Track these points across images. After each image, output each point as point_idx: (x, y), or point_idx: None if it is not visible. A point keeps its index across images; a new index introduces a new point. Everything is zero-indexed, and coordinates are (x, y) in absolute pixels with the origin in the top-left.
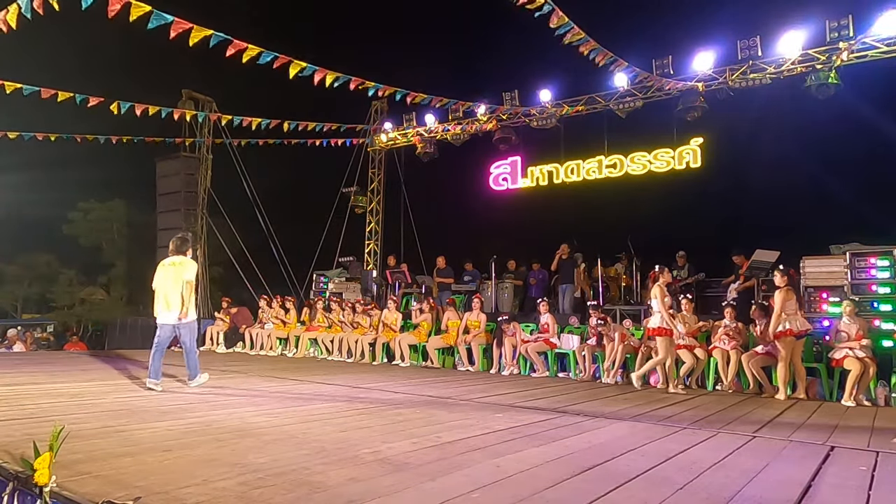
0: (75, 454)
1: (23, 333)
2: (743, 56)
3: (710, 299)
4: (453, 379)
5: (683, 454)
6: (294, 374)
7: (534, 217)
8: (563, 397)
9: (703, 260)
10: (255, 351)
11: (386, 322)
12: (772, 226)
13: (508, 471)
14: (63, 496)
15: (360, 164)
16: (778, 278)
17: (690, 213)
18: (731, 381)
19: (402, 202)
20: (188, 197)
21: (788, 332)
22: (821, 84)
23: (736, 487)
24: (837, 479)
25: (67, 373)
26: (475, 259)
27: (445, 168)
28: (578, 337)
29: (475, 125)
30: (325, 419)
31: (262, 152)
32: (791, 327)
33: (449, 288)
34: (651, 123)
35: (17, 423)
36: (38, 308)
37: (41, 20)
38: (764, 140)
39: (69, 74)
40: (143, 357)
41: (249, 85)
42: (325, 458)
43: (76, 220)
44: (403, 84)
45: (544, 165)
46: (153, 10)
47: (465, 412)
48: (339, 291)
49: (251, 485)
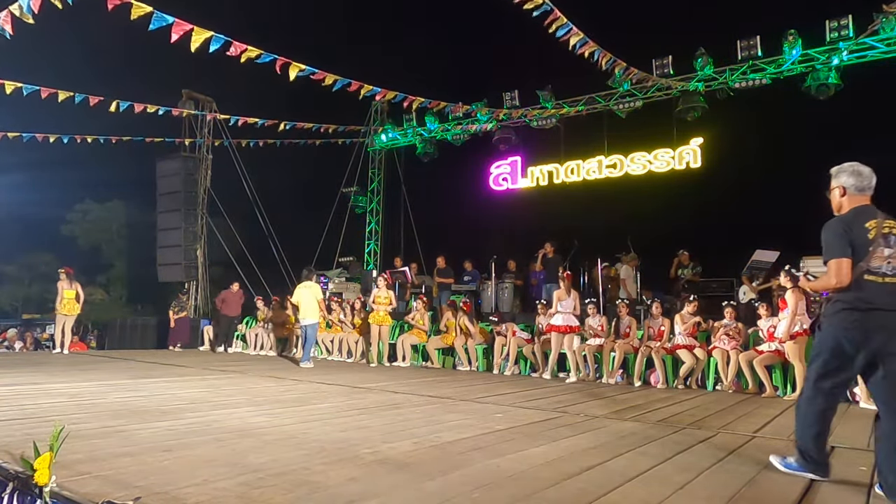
0: (75, 454)
1: (22, 333)
2: (743, 56)
3: (711, 299)
4: (453, 379)
5: (683, 454)
6: (294, 374)
7: (534, 217)
8: (563, 397)
9: (702, 260)
10: (255, 351)
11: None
12: (772, 226)
13: (508, 471)
14: (63, 496)
15: (360, 164)
16: (783, 279)
17: (690, 213)
18: (731, 381)
19: (402, 202)
20: (188, 197)
21: (805, 332)
22: (821, 84)
23: (736, 487)
24: (837, 479)
25: (67, 373)
26: (475, 259)
27: (445, 168)
28: (578, 337)
29: (475, 125)
30: (325, 419)
31: (262, 152)
32: (808, 327)
33: (449, 288)
34: (651, 123)
35: (17, 423)
36: (38, 308)
37: (41, 20)
38: (764, 140)
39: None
40: (143, 357)
41: (249, 85)
42: (325, 458)
43: (75, 220)
44: (403, 85)
45: (544, 165)
46: (154, 10)
47: (465, 412)
48: (339, 291)
49: (251, 485)
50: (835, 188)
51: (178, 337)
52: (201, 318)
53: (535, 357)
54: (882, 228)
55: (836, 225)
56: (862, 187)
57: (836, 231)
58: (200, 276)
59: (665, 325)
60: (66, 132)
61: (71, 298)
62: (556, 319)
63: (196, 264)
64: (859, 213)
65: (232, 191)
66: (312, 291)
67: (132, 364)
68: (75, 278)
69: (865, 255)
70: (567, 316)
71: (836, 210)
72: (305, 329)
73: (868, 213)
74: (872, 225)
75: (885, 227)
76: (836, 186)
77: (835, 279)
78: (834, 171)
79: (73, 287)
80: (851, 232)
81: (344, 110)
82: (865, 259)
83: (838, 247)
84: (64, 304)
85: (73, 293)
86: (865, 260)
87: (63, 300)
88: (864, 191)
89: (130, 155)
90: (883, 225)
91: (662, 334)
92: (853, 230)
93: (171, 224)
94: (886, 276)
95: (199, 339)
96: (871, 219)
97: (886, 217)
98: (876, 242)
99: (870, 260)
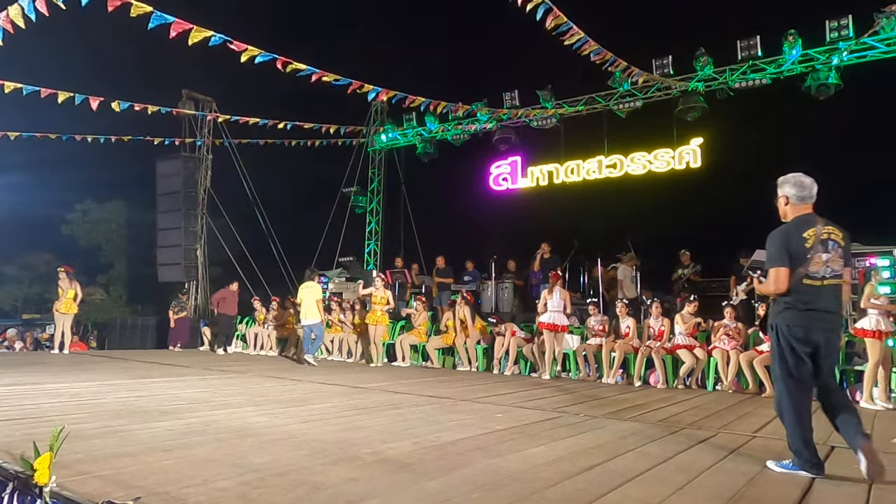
0: (75, 454)
1: (23, 333)
2: (743, 56)
3: (711, 299)
4: (453, 379)
5: (683, 454)
6: (294, 374)
7: (534, 217)
8: (563, 397)
9: (702, 260)
10: (255, 351)
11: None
12: (772, 226)
13: (508, 471)
14: (63, 496)
15: (360, 164)
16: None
17: (690, 213)
18: (731, 381)
19: (402, 202)
20: (188, 197)
21: None
22: (821, 84)
23: (736, 487)
24: (838, 479)
25: (67, 373)
26: (475, 259)
27: (445, 168)
28: (578, 337)
29: (475, 125)
30: (325, 419)
31: (263, 152)
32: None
33: (449, 288)
34: (651, 123)
35: (17, 423)
36: (38, 308)
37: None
38: (763, 140)
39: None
40: (143, 357)
41: (249, 85)
42: (325, 458)
43: (75, 220)
44: (403, 85)
45: (544, 165)
46: (154, 10)
47: (465, 412)
48: (339, 291)
49: (251, 485)
50: (780, 198)
51: (178, 337)
52: (201, 318)
53: (534, 357)
54: (821, 235)
55: (777, 237)
56: (803, 197)
57: (775, 243)
58: (200, 276)
59: (665, 325)
60: (66, 132)
61: (70, 298)
62: (544, 318)
63: (196, 264)
64: (800, 223)
65: (232, 191)
66: (313, 292)
67: (132, 364)
68: (75, 277)
69: (804, 261)
70: (555, 314)
71: (782, 217)
72: (309, 328)
73: (808, 221)
74: (811, 234)
75: (823, 233)
76: (781, 196)
77: (773, 286)
78: (779, 181)
79: (72, 286)
80: (790, 243)
81: (344, 110)
82: (804, 265)
83: (777, 257)
84: (63, 303)
85: (72, 293)
86: (804, 266)
87: (63, 299)
88: (805, 200)
89: (130, 155)
90: (822, 232)
91: (662, 334)
92: (792, 241)
93: (171, 224)
94: (825, 279)
95: (198, 340)
96: (810, 227)
97: (826, 223)
98: (814, 249)
99: (808, 266)
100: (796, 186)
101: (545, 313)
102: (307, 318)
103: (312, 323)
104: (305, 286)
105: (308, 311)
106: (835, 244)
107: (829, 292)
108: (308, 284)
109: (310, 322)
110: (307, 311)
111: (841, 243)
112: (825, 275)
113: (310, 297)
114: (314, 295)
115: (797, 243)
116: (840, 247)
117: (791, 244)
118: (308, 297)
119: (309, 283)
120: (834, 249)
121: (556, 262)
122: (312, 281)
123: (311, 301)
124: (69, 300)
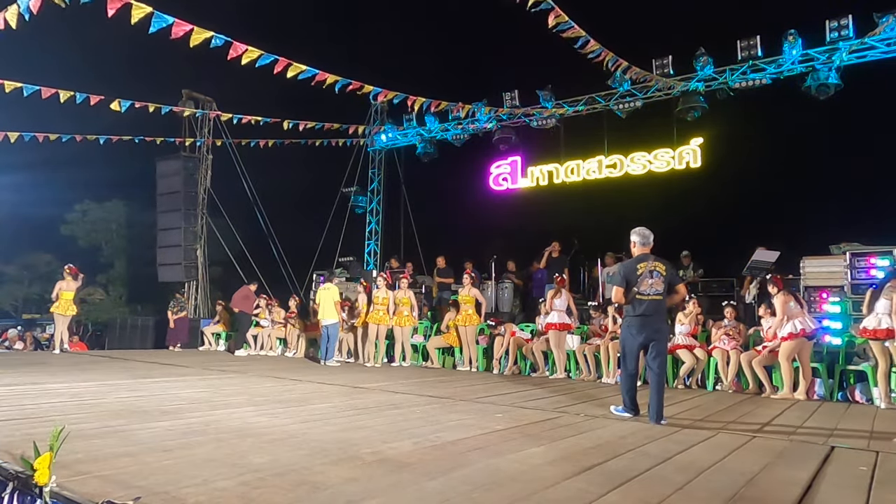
0: (75, 454)
1: (23, 333)
2: (743, 56)
3: (711, 299)
4: (453, 379)
5: (683, 454)
6: (294, 374)
7: (534, 217)
8: (563, 397)
9: (702, 260)
10: (255, 351)
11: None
12: (772, 226)
13: (508, 471)
14: (63, 496)
15: (360, 164)
16: (769, 287)
17: (690, 214)
18: (731, 381)
19: (402, 202)
20: (188, 197)
21: (801, 332)
22: (821, 84)
23: (736, 487)
24: (837, 479)
25: (67, 373)
26: (475, 259)
27: (445, 168)
28: (578, 337)
29: (475, 125)
30: (325, 419)
31: (263, 152)
32: (803, 328)
33: (449, 288)
34: (651, 123)
35: (17, 423)
36: (38, 308)
37: (41, 20)
38: (763, 140)
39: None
40: (143, 357)
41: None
42: (325, 458)
43: (75, 220)
44: (403, 85)
45: (544, 165)
46: (154, 11)
47: (465, 412)
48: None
49: (251, 485)
50: (631, 242)
51: (177, 337)
52: (201, 318)
53: (534, 357)
54: (649, 268)
55: (621, 268)
56: (644, 242)
57: (619, 271)
58: (200, 276)
59: None
60: (67, 132)
61: (69, 299)
62: (552, 317)
63: (196, 264)
64: (638, 259)
65: (232, 191)
66: (331, 293)
67: (132, 364)
68: (77, 278)
69: (637, 283)
70: (560, 314)
71: (633, 255)
72: (327, 329)
73: (643, 259)
74: (642, 266)
75: (651, 267)
76: (632, 241)
77: (614, 299)
78: (631, 232)
79: (71, 287)
80: (629, 273)
81: (344, 110)
82: (637, 286)
83: (617, 280)
84: (61, 303)
85: (71, 294)
86: (637, 286)
87: (60, 300)
88: (645, 244)
89: (130, 155)
90: (650, 266)
91: None
92: (629, 272)
93: (171, 224)
94: (649, 296)
95: (198, 340)
96: (643, 262)
97: (655, 260)
98: (644, 276)
99: (640, 286)
100: (640, 236)
101: (552, 313)
102: (325, 319)
103: (330, 323)
104: (324, 288)
105: (326, 311)
106: (658, 273)
107: (653, 304)
108: (327, 286)
109: (328, 322)
110: (325, 312)
111: (663, 273)
112: (650, 293)
113: (328, 299)
114: (332, 296)
115: (632, 272)
116: (662, 275)
117: (628, 273)
118: (326, 299)
119: (328, 284)
120: (657, 277)
121: (563, 262)
122: (331, 283)
123: (329, 302)
124: (68, 301)
